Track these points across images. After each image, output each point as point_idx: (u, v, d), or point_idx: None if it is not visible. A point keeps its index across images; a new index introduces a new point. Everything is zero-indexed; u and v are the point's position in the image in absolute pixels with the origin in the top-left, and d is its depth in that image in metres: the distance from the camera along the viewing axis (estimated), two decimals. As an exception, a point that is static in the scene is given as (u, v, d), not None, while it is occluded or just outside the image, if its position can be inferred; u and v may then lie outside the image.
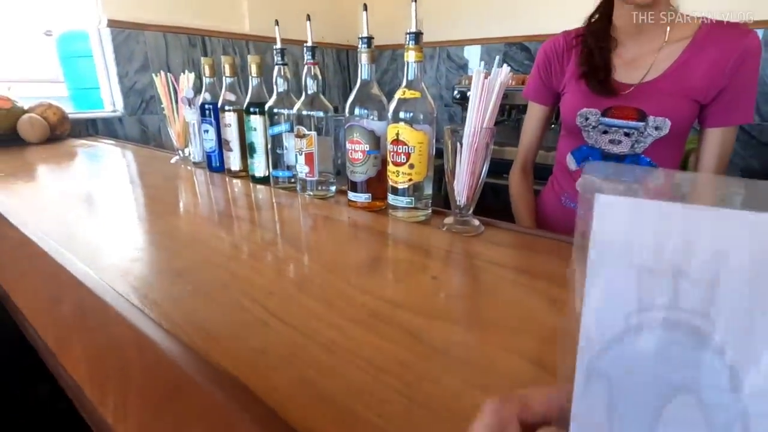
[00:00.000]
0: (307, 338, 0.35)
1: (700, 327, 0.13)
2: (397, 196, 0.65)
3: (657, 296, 0.13)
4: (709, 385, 0.13)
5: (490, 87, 0.54)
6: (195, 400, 0.28)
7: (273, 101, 0.80)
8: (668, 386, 0.14)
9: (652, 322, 0.13)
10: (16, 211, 0.67)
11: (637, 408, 0.14)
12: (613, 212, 0.13)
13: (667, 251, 0.13)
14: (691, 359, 0.13)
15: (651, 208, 0.13)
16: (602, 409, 0.14)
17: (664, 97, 0.73)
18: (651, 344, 0.13)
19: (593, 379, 0.14)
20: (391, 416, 0.27)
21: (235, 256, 0.53)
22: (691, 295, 0.13)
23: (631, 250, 0.13)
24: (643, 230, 0.13)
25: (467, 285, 0.47)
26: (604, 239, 0.13)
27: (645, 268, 0.13)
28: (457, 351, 0.33)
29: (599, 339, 0.14)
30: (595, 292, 0.14)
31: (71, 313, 0.38)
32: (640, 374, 0.14)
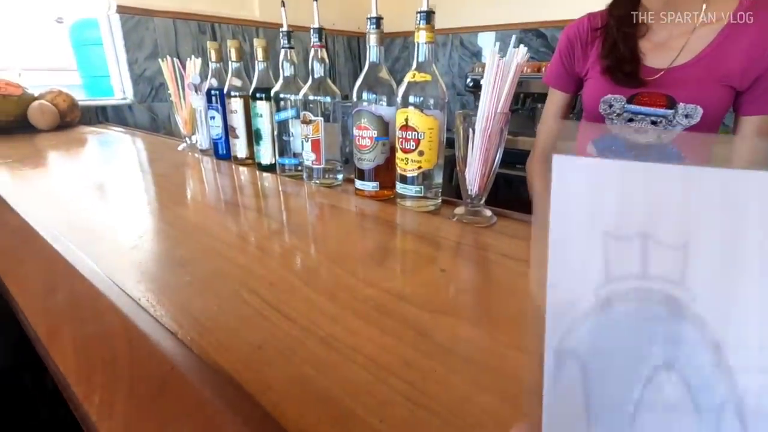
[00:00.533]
0: (306, 332, 0.33)
1: (675, 296, 0.12)
2: (405, 185, 0.62)
3: (626, 265, 0.12)
4: (691, 362, 0.12)
5: (505, 69, 0.50)
6: (183, 398, 0.26)
7: (279, 86, 0.78)
8: (647, 365, 0.12)
9: (622, 293, 0.12)
10: (19, 197, 0.66)
11: (615, 391, 0.12)
12: (572, 174, 0.12)
13: (634, 214, 0.12)
14: (669, 333, 0.12)
15: (613, 168, 0.12)
16: (577, 394, 0.13)
17: (696, 82, 0.69)
18: (624, 318, 0.12)
19: (564, 361, 0.13)
20: (393, 420, 0.25)
21: (238, 245, 0.51)
22: (663, 261, 0.12)
23: (594, 215, 0.12)
24: (606, 192, 0.12)
25: (477, 279, 0.45)
26: (565, 204, 0.12)
27: (610, 234, 0.12)
28: (466, 349, 0.31)
29: (567, 316, 0.12)
30: (558, 264, 0.12)
31: (64, 302, 0.37)
32: (615, 352, 0.12)
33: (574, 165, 0.12)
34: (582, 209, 0.12)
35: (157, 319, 0.34)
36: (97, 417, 0.25)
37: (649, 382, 0.12)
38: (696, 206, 0.11)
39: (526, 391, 0.14)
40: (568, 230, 0.12)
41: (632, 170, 0.12)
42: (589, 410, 0.13)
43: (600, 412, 0.13)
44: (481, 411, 0.25)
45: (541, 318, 0.13)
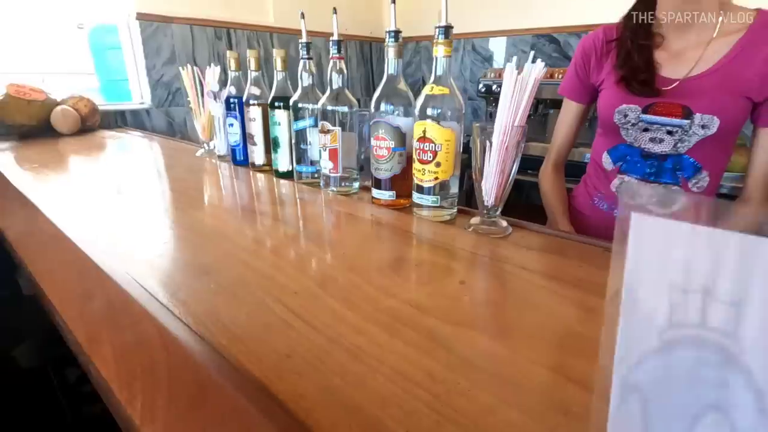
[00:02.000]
0: (332, 343, 0.34)
1: (727, 347, 0.13)
2: (422, 195, 0.63)
3: (687, 314, 0.14)
4: (737, 406, 0.13)
5: (523, 83, 0.51)
6: (221, 406, 0.27)
7: (297, 96, 0.79)
8: (699, 404, 0.14)
9: (682, 339, 0.14)
10: (49, 203, 0.69)
11: (669, 425, 0.14)
12: (648, 232, 0.14)
13: (697, 271, 0.13)
14: (720, 378, 0.13)
15: (683, 230, 0.13)
16: (636, 425, 0.14)
17: (712, 93, 0.69)
18: (682, 360, 0.14)
19: (628, 392, 0.14)
20: (420, 430, 0.26)
21: (259, 252, 0.53)
22: (719, 315, 0.13)
23: (664, 269, 0.14)
24: (675, 250, 0.14)
25: (496, 291, 0.46)
26: (639, 257, 0.14)
27: (676, 287, 0.14)
28: (487, 363, 0.32)
29: (634, 353, 0.14)
30: (630, 308, 0.14)
31: (101, 310, 0.39)
32: (673, 389, 0.14)
33: (649, 224, 0.14)
34: (654, 262, 0.14)
35: (189, 326, 0.36)
36: (140, 421, 0.27)
37: (700, 419, 0.14)
38: (751, 269, 0.13)
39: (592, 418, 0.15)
40: (640, 279, 0.14)
41: (699, 233, 0.13)
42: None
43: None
44: (506, 425, 0.26)
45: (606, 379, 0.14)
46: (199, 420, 0.26)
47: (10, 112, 1.33)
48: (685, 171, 0.74)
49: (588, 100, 0.86)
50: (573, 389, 0.29)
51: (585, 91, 0.85)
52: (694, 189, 0.75)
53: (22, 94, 1.35)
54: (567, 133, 0.90)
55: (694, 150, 0.73)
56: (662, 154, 0.75)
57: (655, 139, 0.74)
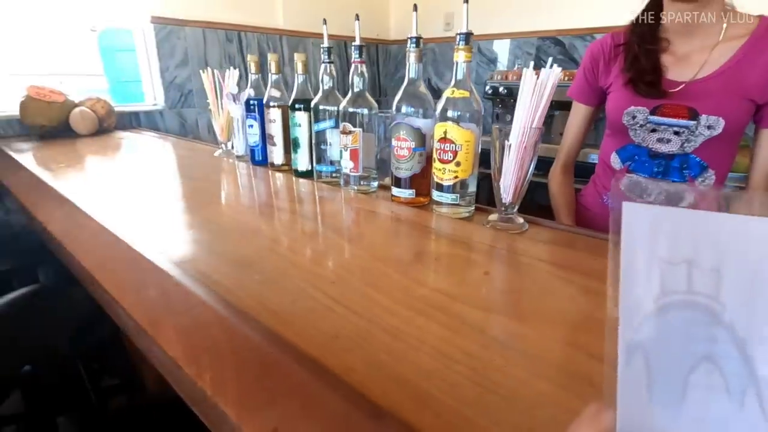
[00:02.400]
0: (373, 324, 0.37)
1: (712, 308, 0.16)
2: (442, 193, 0.67)
3: (676, 283, 0.17)
4: (724, 356, 0.16)
5: (541, 88, 0.55)
6: (285, 378, 0.31)
7: (318, 98, 0.83)
8: (693, 356, 0.17)
9: (674, 303, 0.17)
10: (85, 199, 0.72)
11: (669, 374, 0.17)
12: (638, 218, 0.17)
13: (681, 247, 0.16)
14: (708, 334, 0.16)
15: (667, 213, 0.17)
16: (642, 376, 0.17)
17: (718, 95, 0.72)
18: (675, 321, 0.17)
19: (633, 351, 0.18)
20: (465, 400, 0.29)
21: (292, 246, 0.56)
22: (703, 282, 0.16)
23: (654, 247, 0.17)
24: (662, 231, 0.17)
25: (517, 280, 0.49)
26: (632, 239, 0.17)
27: (665, 260, 0.17)
28: (517, 342, 0.35)
29: (635, 318, 0.17)
30: (628, 282, 0.17)
31: (157, 297, 0.42)
32: (670, 346, 0.17)
33: (639, 211, 0.17)
34: (645, 242, 0.17)
35: (242, 311, 0.39)
36: (212, 391, 0.30)
37: (694, 368, 0.17)
38: (727, 242, 0.16)
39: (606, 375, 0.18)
40: (634, 257, 0.17)
41: (681, 215, 0.17)
42: (651, 389, 0.18)
43: (659, 390, 0.18)
44: (538, 394, 0.30)
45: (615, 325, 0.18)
46: (267, 390, 0.30)
47: (31, 113, 1.36)
48: (691, 170, 0.78)
49: (596, 103, 0.89)
50: (594, 363, 0.33)
51: (594, 94, 0.88)
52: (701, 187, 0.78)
53: (42, 95, 1.39)
54: (576, 134, 0.93)
55: (701, 150, 0.76)
56: (669, 153, 0.78)
57: (662, 140, 0.78)
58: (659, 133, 0.78)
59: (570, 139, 0.94)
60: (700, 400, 0.17)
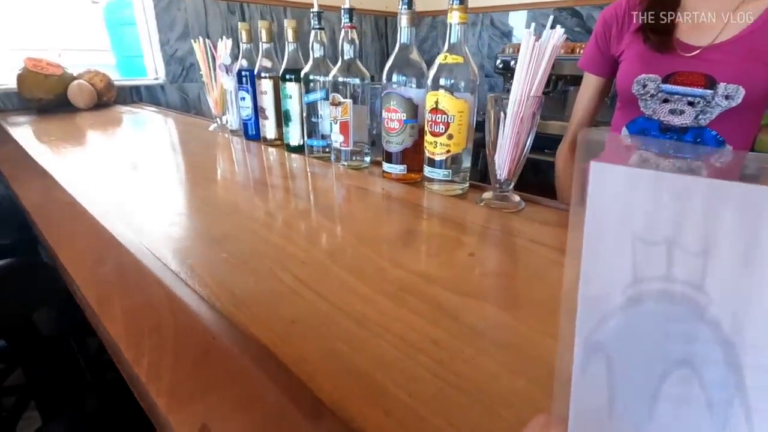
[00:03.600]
0: (338, 310, 0.34)
1: (695, 299, 0.12)
2: (433, 168, 0.62)
3: (652, 267, 0.13)
4: (705, 360, 0.13)
5: (540, 50, 0.49)
6: (225, 366, 0.28)
7: (309, 67, 0.78)
8: (666, 360, 0.13)
9: (647, 293, 0.13)
10: (65, 174, 0.70)
11: (636, 384, 0.13)
12: (609, 180, 0.13)
13: (661, 221, 0.13)
14: (688, 332, 0.13)
15: (645, 177, 0.12)
16: (602, 384, 0.14)
17: (738, 61, 0.65)
18: (647, 316, 0.13)
19: (592, 353, 0.14)
20: (422, 395, 0.26)
21: (269, 224, 0.53)
22: (685, 266, 0.12)
23: (626, 220, 0.13)
24: (638, 199, 0.13)
25: (505, 264, 0.45)
26: (599, 208, 0.13)
27: (640, 239, 0.13)
28: (494, 332, 0.32)
29: (597, 312, 0.13)
30: (591, 263, 0.13)
31: (112, 274, 0.39)
32: (638, 347, 0.13)
33: (610, 172, 0.13)
34: (615, 214, 0.13)
35: (197, 291, 0.36)
36: (146, 378, 0.27)
37: (667, 376, 0.13)
38: (717, 217, 0.12)
39: (556, 379, 0.14)
40: (601, 232, 0.13)
41: (662, 180, 0.12)
42: (612, 400, 0.14)
43: (622, 402, 0.14)
44: (509, 391, 0.26)
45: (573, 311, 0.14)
46: (203, 379, 0.27)
47: (28, 86, 1.34)
48: (706, 145, 0.71)
49: (608, 73, 0.82)
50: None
51: (605, 63, 0.81)
52: (717, 164, 0.72)
53: (39, 68, 1.36)
54: (586, 108, 0.87)
55: (717, 123, 0.69)
56: (682, 126, 0.72)
57: (675, 111, 0.71)
58: (672, 103, 0.71)
59: (580, 114, 0.88)
60: (673, 415, 0.13)
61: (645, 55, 0.71)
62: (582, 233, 0.13)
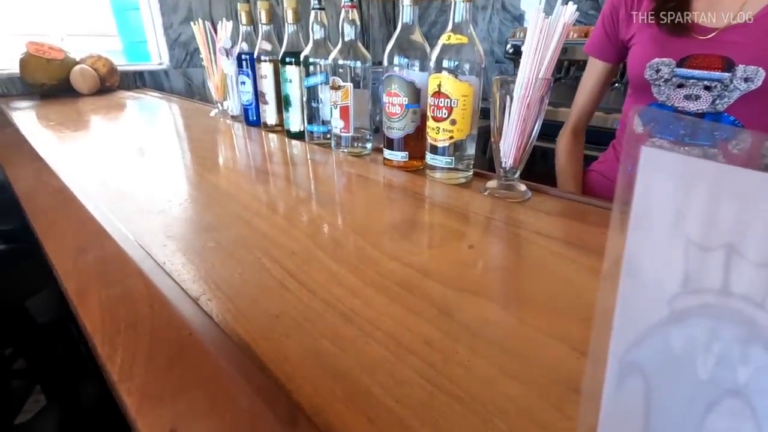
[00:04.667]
0: (325, 304, 0.32)
1: (754, 318, 0.10)
2: (436, 156, 0.59)
3: (706, 277, 0.11)
4: (762, 390, 0.11)
5: (550, 30, 0.46)
6: (198, 366, 0.26)
7: (309, 50, 0.75)
8: (715, 387, 0.11)
9: (698, 307, 0.11)
10: (59, 159, 0.69)
11: (677, 412, 0.11)
12: (661, 170, 0.11)
13: (721, 223, 0.10)
14: (742, 357, 0.11)
15: (706, 169, 0.10)
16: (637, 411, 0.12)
17: (758, 41, 0.61)
18: (696, 334, 0.11)
19: (627, 374, 0.12)
20: (410, 402, 0.24)
21: (263, 213, 0.51)
22: (746, 279, 0.10)
23: (679, 219, 0.11)
24: (695, 195, 0.11)
25: (507, 257, 0.42)
26: (648, 203, 0.11)
27: (693, 242, 0.11)
28: (491, 332, 0.29)
29: (637, 326, 0.11)
30: (634, 268, 0.11)
31: (93, 263, 0.38)
32: (683, 370, 0.11)
33: (664, 161, 0.11)
34: (666, 211, 0.11)
35: (179, 284, 0.34)
36: (117, 377, 0.25)
37: (715, 406, 0.11)
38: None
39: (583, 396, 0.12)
40: (649, 232, 0.11)
41: (726, 174, 0.10)
42: (647, 428, 0.12)
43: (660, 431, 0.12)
44: (505, 398, 0.24)
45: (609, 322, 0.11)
46: (175, 380, 0.25)
47: (30, 70, 1.33)
48: (723, 131, 0.67)
49: (615, 59, 0.78)
50: (584, 365, 0.26)
51: (613, 48, 0.77)
52: (736, 151, 0.68)
53: (41, 52, 1.35)
54: (590, 95, 0.83)
55: (735, 107, 0.65)
56: (698, 112, 0.68)
57: (690, 96, 0.67)
58: (687, 88, 0.67)
59: (582, 100, 0.84)
60: None
61: (658, 38, 0.67)
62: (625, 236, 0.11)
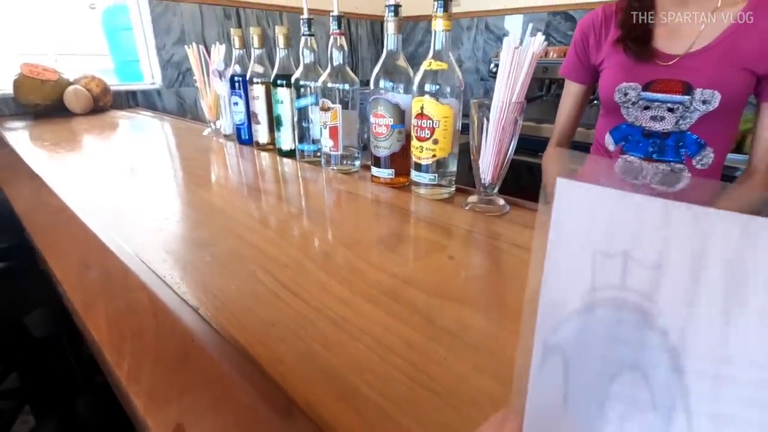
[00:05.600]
0: (317, 312, 0.35)
1: (646, 308, 0.14)
2: (420, 173, 0.63)
3: (608, 277, 0.14)
4: (653, 364, 0.14)
5: (521, 58, 0.50)
6: (202, 369, 0.28)
7: (299, 73, 0.79)
8: (617, 362, 0.14)
9: (603, 301, 0.14)
10: (57, 178, 0.71)
11: (590, 383, 0.14)
12: (573, 196, 0.14)
13: (619, 235, 0.14)
14: (638, 338, 0.14)
15: (606, 195, 0.14)
16: (558, 384, 0.15)
17: (713, 67, 0.67)
18: (602, 321, 0.14)
19: (549, 353, 0.15)
20: (393, 396, 0.26)
21: (256, 228, 0.53)
22: (639, 278, 0.13)
23: (588, 233, 0.14)
24: (599, 215, 0.14)
25: (485, 267, 0.46)
26: (564, 221, 0.14)
27: (598, 251, 0.14)
28: (467, 334, 0.33)
29: (556, 315, 0.14)
30: (553, 271, 0.14)
31: (98, 278, 0.40)
32: (592, 350, 0.14)
33: (574, 189, 0.14)
34: (578, 227, 0.14)
35: (180, 295, 0.37)
36: (126, 381, 0.28)
37: (617, 378, 0.14)
38: (671, 235, 0.13)
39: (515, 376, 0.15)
40: (563, 243, 0.14)
41: (622, 199, 0.13)
42: (566, 398, 0.15)
43: (576, 400, 0.15)
44: (478, 392, 0.27)
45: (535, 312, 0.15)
46: (180, 382, 0.27)
47: (25, 91, 1.35)
48: (688, 148, 0.73)
49: (589, 81, 0.84)
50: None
51: (586, 71, 0.83)
52: (699, 166, 0.74)
53: (35, 73, 1.37)
54: (569, 114, 0.88)
55: (697, 126, 0.71)
56: (664, 132, 0.73)
57: (656, 117, 0.73)
58: (652, 110, 0.73)
59: (563, 119, 0.89)
60: (623, 415, 0.14)
61: (625, 64, 0.73)
62: (546, 234, 0.14)
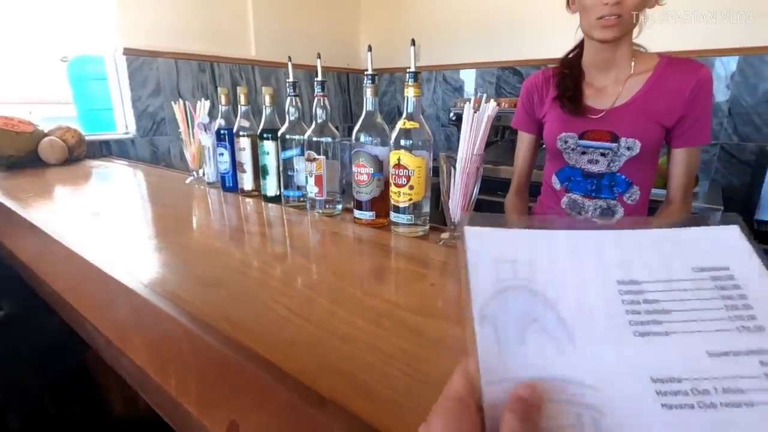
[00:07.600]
0: (326, 332, 0.42)
1: (532, 287, 0.24)
2: (398, 214, 0.72)
3: (509, 274, 0.24)
4: (542, 315, 0.23)
5: (479, 120, 0.62)
6: (242, 376, 0.35)
7: (285, 128, 0.88)
8: (526, 321, 0.23)
9: (507, 287, 0.24)
10: (54, 228, 0.75)
11: (512, 333, 0.23)
12: (478, 235, 0.25)
13: (507, 251, 0.25)
14: (533, 305, 0.23)
15: (495, 232, 0.25)
16: (493, 336, 0.24)
17: (632, 120, 0.84)
18: (509, 299, 0.23)
19: (484, 320, 0.24)
20: (397, 388, 0.34)
21: (258, 266, 0.60)
22: (523, 271, 0.24)
23: (492, 252, 0.25)
24: (495, 242, 0.25)
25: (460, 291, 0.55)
26: (476, 250, 0.25)
27: (498, 260, 0.24)
28: (452, 343, 0.41)
29: (482, 298, 0.24)
30: (475, 276, 0.25)
31: (126, 314, 0.46)
32: (509, 315, 0.23)
33: (478, 233, 0.25)
34: (485, 251, 0.25)
35: (208, 323, 0.43)
36: (176, 393, 0.34)
37: (527, 327, 0.23)
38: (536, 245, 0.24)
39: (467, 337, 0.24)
40: (478, 262, 0.25)
41: (504, 233, 0.25)
42: (499, 341, 0.24)
43: (505, 344, 0.23)
44: (462, 382, 0.35)
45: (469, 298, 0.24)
46: (224, 389, 0.34)
47: (-1, 143, 1.37)
48: (619, 186, 0.88)
49: (537, 131, 1.00)
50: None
51: (533, 123, 0.99)
52: (629, 201, 0.89)
53: (10, 126, 1.39)
54: (524, 160, 1.03)
55: (625, 168, 0.86)
56: (599, 173, 0.88)
57: (592, 161, 0.88)
58: (588, 155, 0.88)
59: (520, 165, 1.03)
60: (536, 348, 0.23)
61: (563, 118, 0.88)
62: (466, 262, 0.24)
